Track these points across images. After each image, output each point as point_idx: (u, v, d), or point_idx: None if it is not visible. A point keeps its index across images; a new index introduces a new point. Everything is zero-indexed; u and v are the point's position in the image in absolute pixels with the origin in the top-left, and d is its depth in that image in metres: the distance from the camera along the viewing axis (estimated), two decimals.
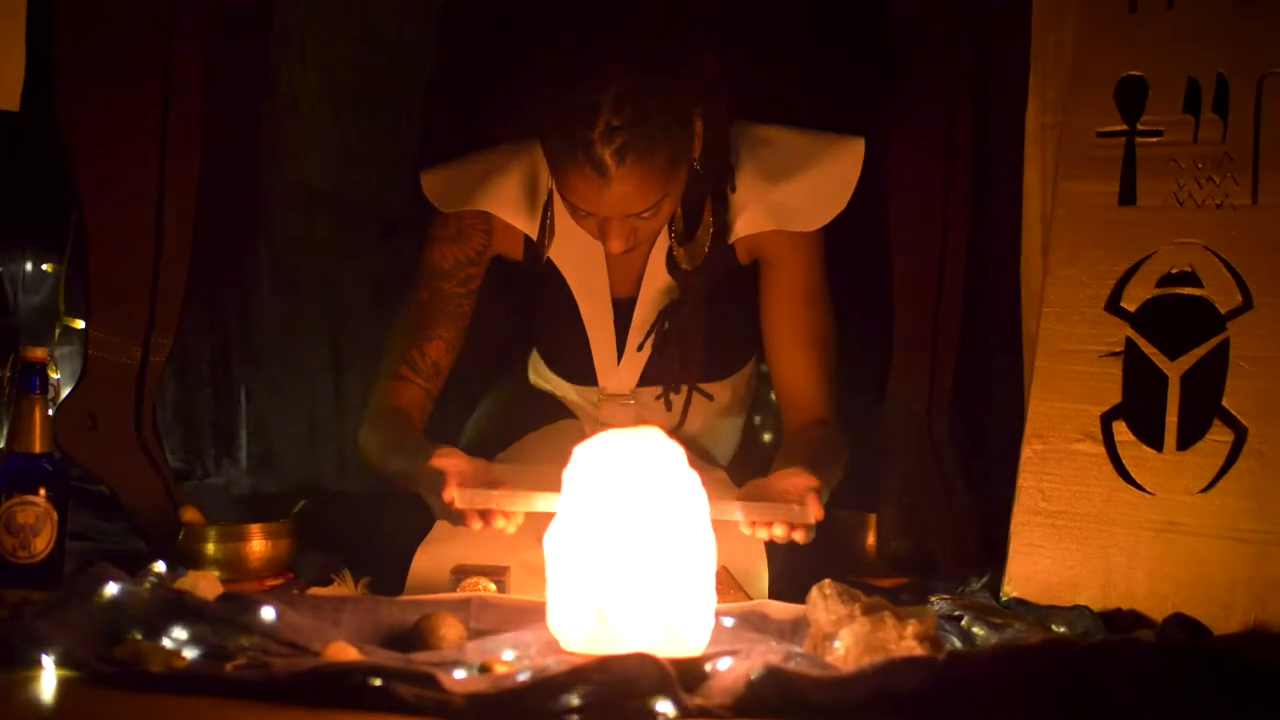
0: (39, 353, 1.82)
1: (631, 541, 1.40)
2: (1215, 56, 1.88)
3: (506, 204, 2.05)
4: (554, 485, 1.52)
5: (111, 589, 1.50)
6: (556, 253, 2.06)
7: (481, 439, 2.13)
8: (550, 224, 2.02)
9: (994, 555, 2.01)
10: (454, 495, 1.67)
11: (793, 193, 2.01)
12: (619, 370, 2.10)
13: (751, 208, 2.01)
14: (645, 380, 2.11)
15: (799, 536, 1.73)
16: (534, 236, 2.06)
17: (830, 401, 2.06)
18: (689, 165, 1.91)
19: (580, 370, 2.15)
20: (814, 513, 1.71)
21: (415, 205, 2.56)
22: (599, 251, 2.04)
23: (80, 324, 2.32)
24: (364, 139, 2.63)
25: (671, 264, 2.05)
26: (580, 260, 2.07)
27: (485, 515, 1.69)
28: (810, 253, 2.06)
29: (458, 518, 1.70)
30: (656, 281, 2.07)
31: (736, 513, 1.72)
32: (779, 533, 1.72)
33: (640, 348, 2.07)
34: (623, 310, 2.09)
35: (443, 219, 2.09)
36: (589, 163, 1.79)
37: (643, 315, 2.08)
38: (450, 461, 1.73)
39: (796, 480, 1.76)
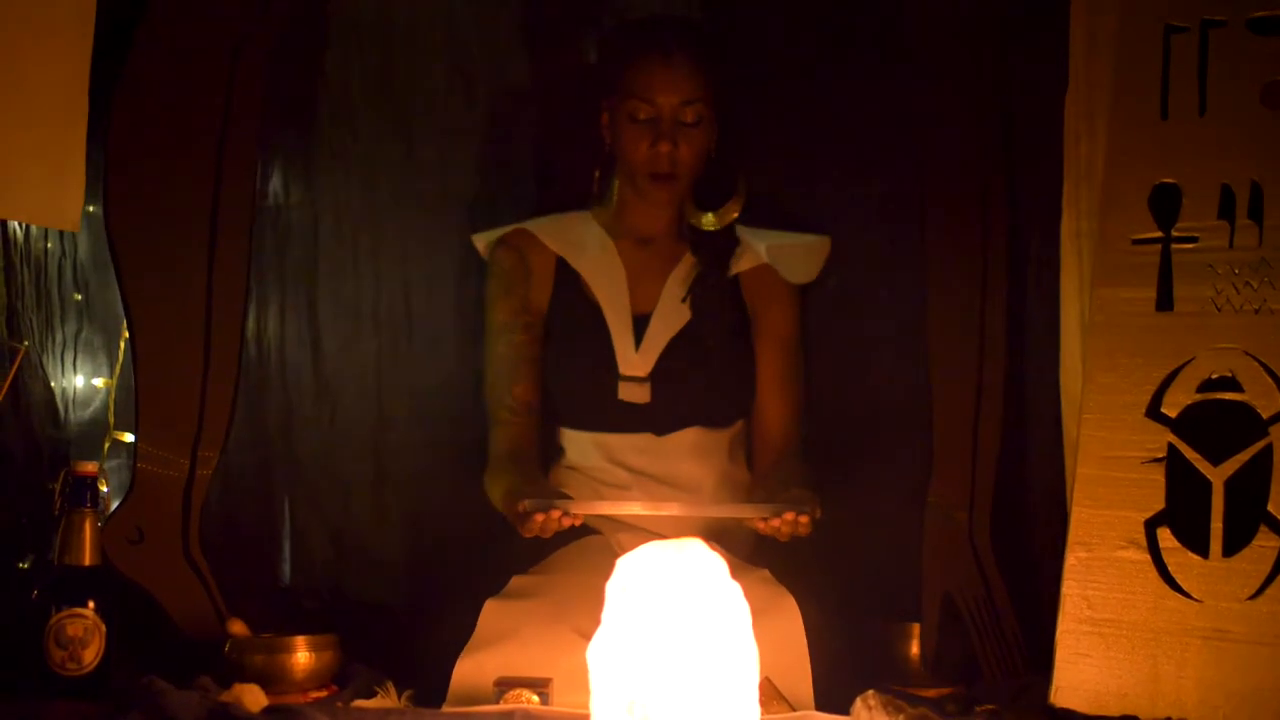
0: (89, 467, 1.87)
1: (675, 652, 1.42)
2: (1248, 163, 1.90)
3: (536, 226, 2.45)
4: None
5: (159, 702, 1.51)
6: (585, 269, 2.43)
7: (514, 556, 2.21)
8: (602, 191, 2.46)
9: (1040, 664, 2.00)
10: (524, 503, 2.03)
11: (780, 250, 2.45)
12: (636, 357, 2.37)
13: (750, 251, 2.44)
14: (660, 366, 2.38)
15: (803, 525, 2.03)
16: (560, 252, 2.44)
17: (799, 438, 2.43)
18: (711, 139, 2.36)
19: (603, 406, 2.37)
20: (814, 511, 2.03)
21: (454, 321, 2.65)
22: (622, 272, 2.43)
23: (129, 437, 2.35)
24: (404, 256, 2.66)
25: (695, 236, 2.42)
26: (605, 276, 2.42)
27: (549, 514, 2.02)
28: (792, 306, 2.47)
29: (529, 521, 2.04)
30: (672, 300, 2.40)
31: (749, 511, 2.09)
32: (788, 519, 2.02)
33: (685, 299, 2.40)
34: (639, 324, 2.40)
35: (492, 280, 2.45)
36: (654, 43, 2.32)
37: (659, 322, 2.39)
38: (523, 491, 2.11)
39: (796, 492, 2.09)
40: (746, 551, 2.26)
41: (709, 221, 2.42)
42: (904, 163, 2.42)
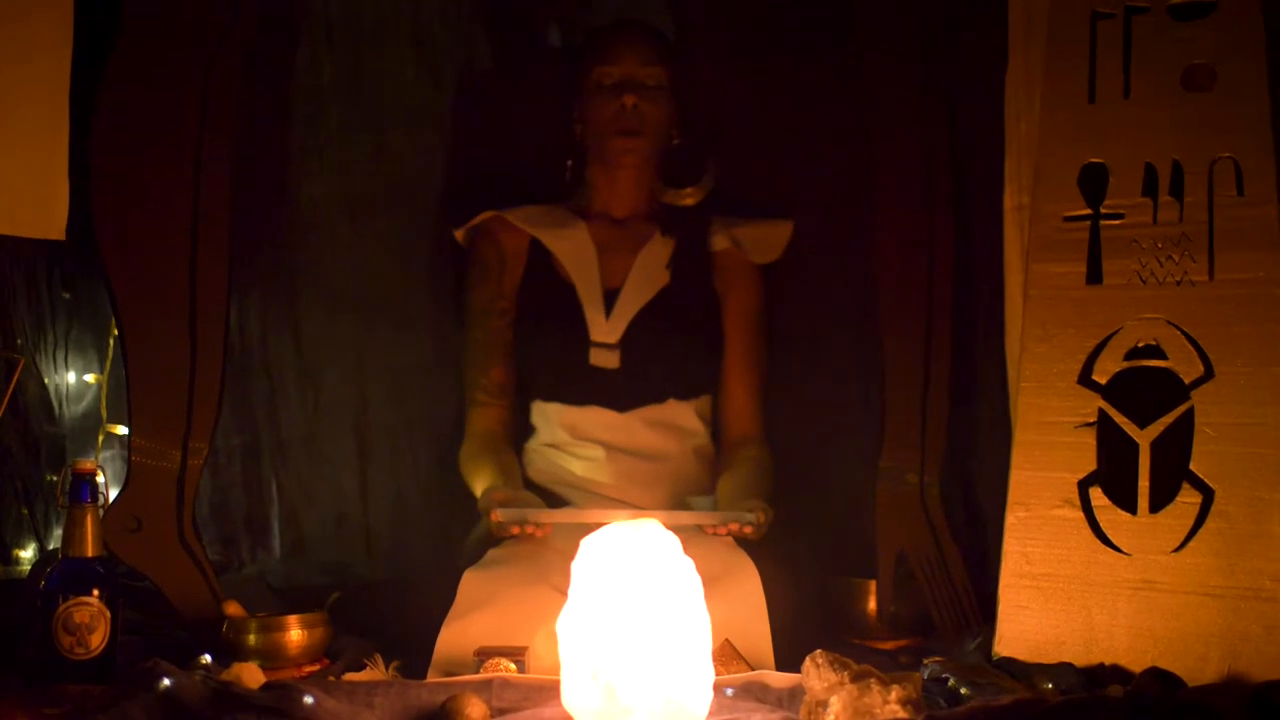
0: (89, 464, 1.90)
1: (635, 623, 1.51)
2: (1169, 143, 1.98)
3: (511, 212, 2.55)
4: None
5: (165, 682, 1.61)
6: (557, 248, 2.54)
7: (481, 540, 2.28)
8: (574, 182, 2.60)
9: (989, 616, 2.07)
10: (497, 515, 2.14)
11: (746, 234, 2.59)
12: (606, 325, 2.49)
13: (719, 235, 2.58)
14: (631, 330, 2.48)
15: (749, 531, 2.16)
16: (533, 232, 2.54)
17: (761, 419, 2.55)
18: (671, 113, 2.53)
19: (574, 372, 2.47)
20: (760, 517, 2.16)
21: (429, 303, 2.74)
22: (592, 249, 2.54)
23: (122, 430, 2.38)
24: (379, 242, 2.73)
25: (667, 215, 2.55)
26: (576, 253, 2.54)
27: (523, 526, 2.14)
28: (758, 286, 2.60)
29: (504, 530, 2.15)
30: (642, 273, 2.52)
31: (702, 519, 2.19)
32: (733, 528, 2.17)
33: (668, 266, 2.51)
34: (610, 297, 2.51)
35: (471, 268, 2.57)
36: (615, 25, 2.58)
37: (629, 294, 2.50)
38: (497, 495, 2.22)
39: (748, 503, 2.21)
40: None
41: (681, 196, 2.55)
42: (855, 141, 2.48)
